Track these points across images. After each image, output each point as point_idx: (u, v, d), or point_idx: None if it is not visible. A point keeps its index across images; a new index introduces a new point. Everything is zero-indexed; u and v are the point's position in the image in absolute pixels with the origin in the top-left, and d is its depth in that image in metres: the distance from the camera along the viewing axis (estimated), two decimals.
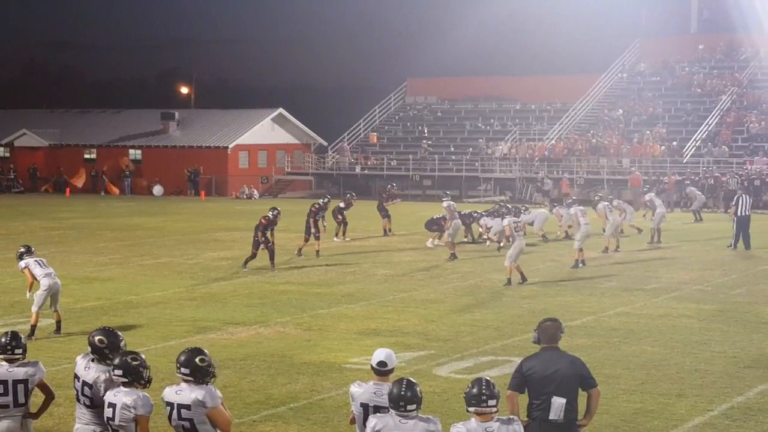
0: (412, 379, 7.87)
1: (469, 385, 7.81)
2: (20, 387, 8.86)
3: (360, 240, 32.50)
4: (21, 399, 8.87)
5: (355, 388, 8.37)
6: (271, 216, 25.46)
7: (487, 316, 19.25)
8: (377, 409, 8.13)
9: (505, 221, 24.03)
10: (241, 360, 15.20)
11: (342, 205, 33.23)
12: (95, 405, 8.45)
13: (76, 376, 8.62)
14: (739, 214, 29.14)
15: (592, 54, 66.64)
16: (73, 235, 34.38)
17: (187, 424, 7.89)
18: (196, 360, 7.96)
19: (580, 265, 25.55)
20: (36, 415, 9.12)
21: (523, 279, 22.87)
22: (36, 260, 17.50)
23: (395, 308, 20.18)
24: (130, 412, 7.97)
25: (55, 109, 72.86)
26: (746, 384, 14.11)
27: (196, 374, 7.93)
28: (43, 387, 9.08)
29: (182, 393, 7.92)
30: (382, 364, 8.40)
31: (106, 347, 8.56)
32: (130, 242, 31.30)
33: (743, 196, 29.76)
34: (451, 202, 28.98)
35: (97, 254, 28.99)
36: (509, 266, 22.78)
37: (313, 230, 28.30)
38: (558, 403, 8.87)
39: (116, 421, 8.04)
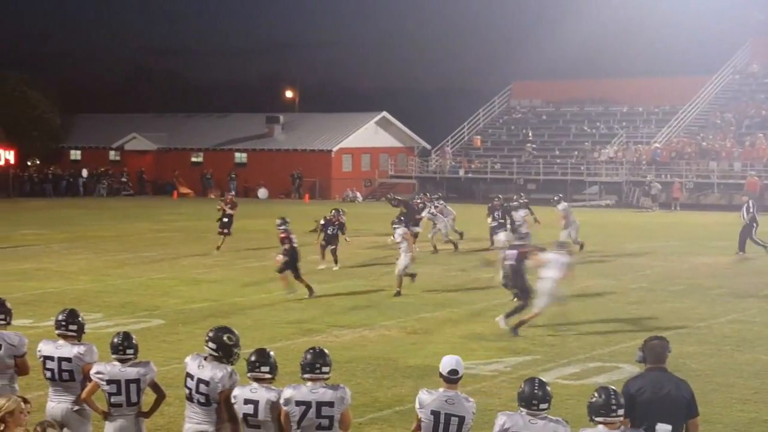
0: (543, 379, 7.80)
1: (595, 395, 7.54)
2: (132, 386, 8.97)
3: (464, 243, 32.26)
4: (133, 398, 8.98)
5: (425, 395, 8.26)
6: (329, 216, 26.29)
7: (593, 322, 18.94)
8: (449, 417, 8.05)
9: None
10: (346, 362, 15.19)
11: (323, 222, 27.17)
12: (210, 402, 8.54)
13: (189, 375, 8.70)
14: None
15: (701, 55, 65.40)
16: (180, 237, 34.93)
17: (326, 422, 8.06)
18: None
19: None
20: (148, 414, 9.23)
21: (398, 293, 21.64)
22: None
23: (500, 313, 19.98)
24: (277, 408, 8.14)
25: (163, 113, 74.25)
26: None
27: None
28: (155, 386, 9.18)
29: (318, 392, 8.08)
30: (453, 372, 8.28)
31: (234, 344, 8.71)
32: (235, 245, 31.64)
33: None
34: (566, 204, 28.62)
35: (203, 256, 29.39)
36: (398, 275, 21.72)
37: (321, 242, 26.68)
38: (663, 430, 8.16)
39: (260, 417, 8.18)
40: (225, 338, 8.68)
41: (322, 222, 26.97)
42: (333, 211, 27.21)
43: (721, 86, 59.53)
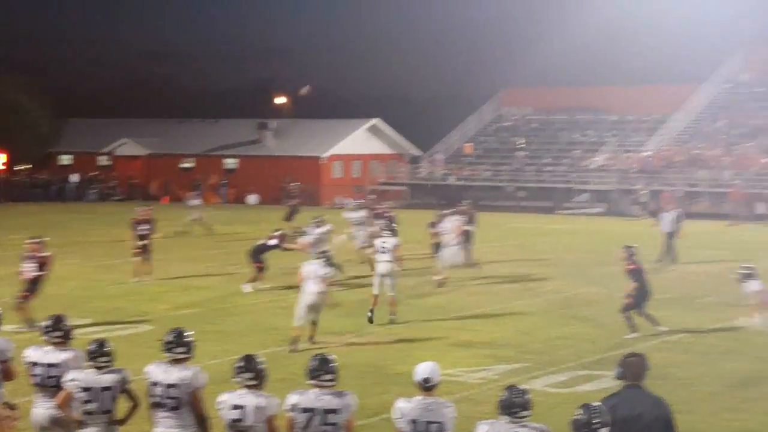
0: (523, 386, 7.84)
1: (580, 412, 7.38)
2: (106, 394, 8.99)
3: None
4: (107, 406, 9.00)
5: (403, 404, 8.30)
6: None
7: (582, 330, 19.01)
8: (428, 424, 8.10)
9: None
10: None
11: (271, 242, 24.82)
12: (182, 405, 8.62)
13: (154, 383, 8.77)
14: None
15: (691, 63, 65.58)
16: (170, 242, 34.90)
17: (331, 428, 8.17)
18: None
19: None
20: (122, 422, 9.25)
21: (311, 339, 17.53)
22: None
23: (489, 320, 20.04)
24: (264, 413, 8.23)
25: (155, 118, 74.18)
26: None
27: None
28: (129, 394, 9.20)
29: (324, 399, 8.23)
30: (426, 380, 8.34)
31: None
32: (226, 250, 31.65)
33: None
34: (459, 217, 27.21)
35: (193, 262, 29.38)
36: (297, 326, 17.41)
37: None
38: None
39: (247, 422, 8.23)
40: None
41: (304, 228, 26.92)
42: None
43: (712, 95, 59.71)
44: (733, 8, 62.43)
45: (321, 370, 8.31)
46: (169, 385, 8.69)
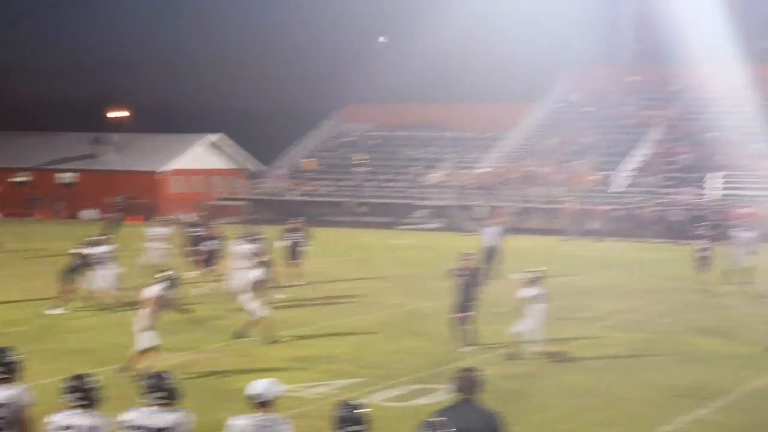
0: (361, 401, 7.94)
1: (338, 408, 7.67)
2: None
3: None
4: None
5: (238, 421, 8.36)
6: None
7: (419, 344, 19.32)
8: None
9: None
10: None
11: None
12: (11, 426, 8.46)
13: None
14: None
15: (526, 83, 67.29)
16: (2, 259, 33.87)
17: None
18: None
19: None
20: None
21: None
22: None
23: (327, 335, 20.18)
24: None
25: None
26: (674, 413, 14.34)
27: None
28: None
29: (156, 416, 8.17)
30: (259, 396, 8.42)
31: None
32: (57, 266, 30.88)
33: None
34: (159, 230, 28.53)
35: (25, 278, 28.59)
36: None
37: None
38: None
39: None
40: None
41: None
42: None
43: (544, 114, 61.53)
44: (564, 31, 64.56)
45: (155, 387, 8.27)
46: None
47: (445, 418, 7.70)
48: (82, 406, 8.23)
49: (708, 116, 54.50)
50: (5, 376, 8.68)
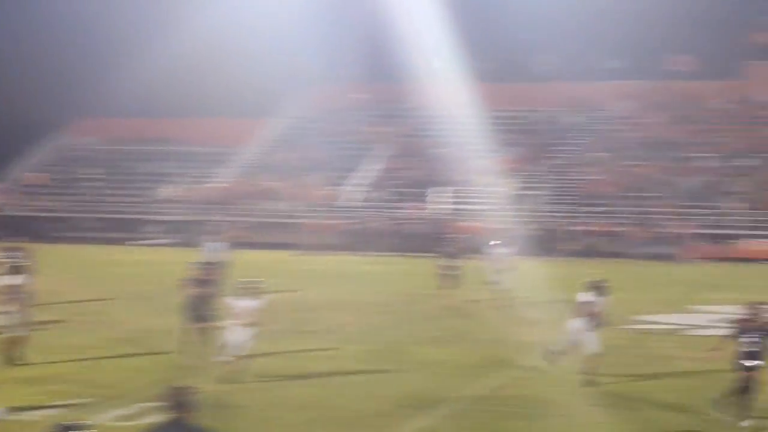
0: (72, 423, 7.84)
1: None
2: None
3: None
4: None
5: None
6: None
7: (148, 362, 19.12)
8: None
9: None
10: None
11: None
12: None
13: None
14: None
15: (260, 99, 67.53)
16: None
17: None
18: None
19: None
20: None
21: None
22: None
23: (53, 354, 19.61)
24: None
25: None
26: (398, 422, 14.86)
27: None
28: None
29: None
30: None
31: None
32: None
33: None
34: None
35: None
36: None
37: None
38: None
39: None
40: None
41: None
42: None
43: (279, 129, 62.08)
44: (299, 48, 65.35)
45: None
46: None
47: None
48: None
49: (436, 133, 56.61)
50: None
